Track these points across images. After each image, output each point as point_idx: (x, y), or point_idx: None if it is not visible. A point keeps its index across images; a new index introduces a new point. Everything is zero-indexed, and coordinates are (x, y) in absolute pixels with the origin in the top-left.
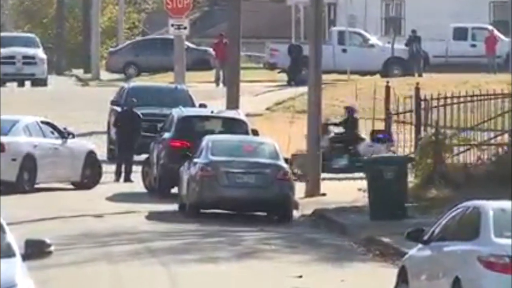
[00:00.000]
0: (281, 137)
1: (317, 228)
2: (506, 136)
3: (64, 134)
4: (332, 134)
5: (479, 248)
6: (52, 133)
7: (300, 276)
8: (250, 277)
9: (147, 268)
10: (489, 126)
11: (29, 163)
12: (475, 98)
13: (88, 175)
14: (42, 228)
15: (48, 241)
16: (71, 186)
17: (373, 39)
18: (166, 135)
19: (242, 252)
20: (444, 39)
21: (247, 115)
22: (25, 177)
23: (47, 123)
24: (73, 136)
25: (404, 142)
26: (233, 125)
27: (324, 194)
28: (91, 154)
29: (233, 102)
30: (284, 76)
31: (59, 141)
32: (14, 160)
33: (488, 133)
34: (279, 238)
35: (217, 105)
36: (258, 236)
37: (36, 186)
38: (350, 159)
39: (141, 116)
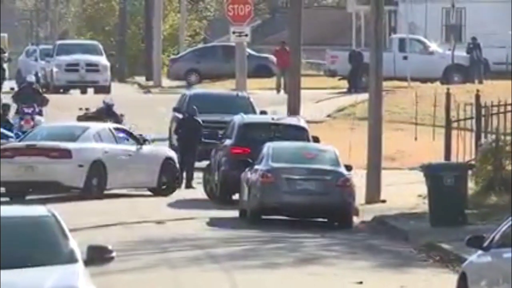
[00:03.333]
0: (342, 144)
1: (377, 234)
2: None
3: (139, 141)
4: None
5: None
6: (127, 139)
7: (361, 282)
8: (311, 283)
9: (208, 274)
10: None
11: (98, 169)
12: None
13: (165, 182)
14: (104, 234)
15: (110, 247)
16: (142, 193)
17: (434, 46)
18: (227, 142)
19: (303, 258)
20: (504, 46)
21: (308, 122)
22: (94, 184)
23: (122, 130)
24: (149, 143)
25: (464, 149)
26: (293, 132)
27: (384, 201)
28: (168, 161)
29: (294, 109)
30: (344, 83)
31: (133, 148)
32: (81, 166)
33: None
34: (339, 244)
35: (278, 112)
36: (319, 242)
37: (108, 192)
38: None
39: (202, 123)
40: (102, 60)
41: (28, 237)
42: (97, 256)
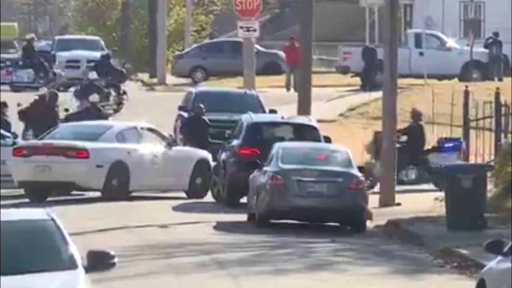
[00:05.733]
0: (355, 144)
1: (391, 239)
2: None
3: (170, 141)
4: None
5: None
6: (157, 140)
7: None
8: None
9: (214, 280)
10: None
11: (119, 170)
12: None
13: (199, 184)
14: (105, 238)
15: (111, 252)
16: (172, 195)
17: (451, 42)
18: (235, 142)
19: (314, 264)
20: None
21: (319, 121)
22: (114, 185)
23: (151, 130)
24: (177, 144)
25: (483, 149)
26: (304, 132)
27: (398, 204)
28: (202, 162)
29: (304, 107)
30: (357, 81)
31: (162, 148)
32: (99, 167)
33: None
34: (352, 249)
35: (288, 111)
36: (330, 248)
37: (134, 194)
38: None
39: (208, 122)
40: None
41: (25, 242)
42: (98, 261)
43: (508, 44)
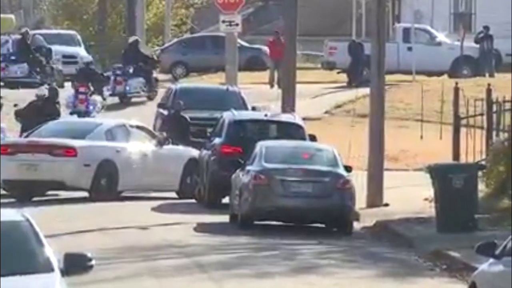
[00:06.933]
0: (341, 143)
1: (379, 241)
2: None
3: (160, 140)
4: None
5: None
6: (147, 138)
7: None
8: None
9: (196, 284)
10: None
11: (107, 169)
12: None
13: (190, 184)
14: (83, 240)
15: (89, 254)
16: (162, 195)
17: (441, 37)
18: (217, 140)
19: (299, 267)
20: None
21: (304, 118)
22: (102, 185)
23: (141, 128)
24: (169, 142)
25: (474, 148)
26: (288, 130)
27: (387, 204)
28: (193, 161)
29: (289, 104)
30: (344, 77)
31: (151, 147)
32: (87, 166)
33: None
34: (339, 251)
35: (271, 108)
36: (316, 250)
37: (124, 194)
38: None
39: (189, 120)
40: (81, 51)
41: None
42: (75, 264)
43: (499, 39)
